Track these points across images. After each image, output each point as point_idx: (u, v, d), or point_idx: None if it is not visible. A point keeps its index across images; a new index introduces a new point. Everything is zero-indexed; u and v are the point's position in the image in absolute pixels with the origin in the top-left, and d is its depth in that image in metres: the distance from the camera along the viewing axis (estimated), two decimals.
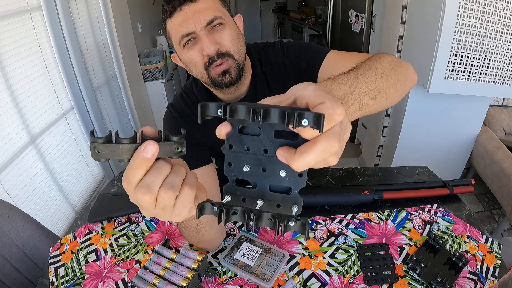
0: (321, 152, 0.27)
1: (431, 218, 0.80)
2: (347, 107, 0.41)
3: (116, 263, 0.72)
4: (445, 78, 1.54)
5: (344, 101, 0.40)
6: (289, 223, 0.30)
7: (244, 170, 0.30)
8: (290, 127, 0.26)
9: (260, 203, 0.31)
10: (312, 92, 0.29)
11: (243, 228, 0.79)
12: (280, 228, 0.30)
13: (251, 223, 0.31)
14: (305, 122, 0.25)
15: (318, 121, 0.25)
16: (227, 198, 0.31)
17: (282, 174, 0.30)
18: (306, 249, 0.73)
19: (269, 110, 0.26)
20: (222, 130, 0.30)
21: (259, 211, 0.31)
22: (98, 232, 0.80)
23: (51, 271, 0.71)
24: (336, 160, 0.29)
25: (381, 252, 0.71)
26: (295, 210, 0.31)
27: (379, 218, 0.80)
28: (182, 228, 0.68)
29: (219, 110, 0.28)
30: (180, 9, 0.64)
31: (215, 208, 0.31)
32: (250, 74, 0.80)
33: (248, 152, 0.30)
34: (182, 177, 0.32)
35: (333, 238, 0.76)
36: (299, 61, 0.78)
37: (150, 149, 0.28)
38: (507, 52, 1.46)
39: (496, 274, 0.65)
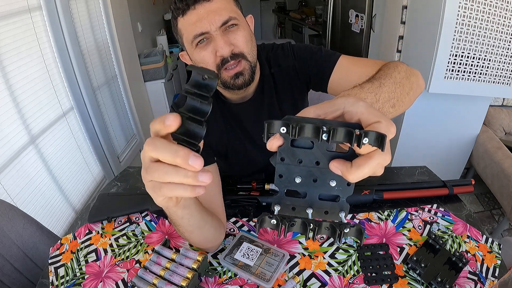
0: (376, 165, 0.29)
1: (431, 218, 0.80)
2: None
3: (116, 263, 0.72)
4: (445, 78, 1.54)
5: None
6: (345, 230, 0.32)
7: (295, 181, 0.31)
8: (354, 145, 0.28)
9: (310, 211, 0.32)
10: (365, 110, 0.31)
11: (243, 228, 0.79)
12: (339, 235, 0.32)
13: (310, 234, 0.33)
14: (365, 140, 0.27)
15: (381, 141, 0.27)
16: (277, 208, 0.32)
17: (332, 184, 0.31)
18: (306, 249, 0.73)
19: (337, 130, 0.28)
20: (274, 144, 0.30)
21: (315, 221, 0.33)
22: (98, 232, 0.80)
23: (51, 271, 0.71)
24: (382, 170, 0.31)
25: (381, 252, 0.71)
26: (342, 215, 0.32)
27: (379, 218, 0.80)
28: (175, 226, 0.64)
29: (282, 128, 0.29)
30: (194, 7, 0.63)
31: (273, 221, 0.32)
32: (259, 75, 0.80)
33: (299, 164, 0.31)
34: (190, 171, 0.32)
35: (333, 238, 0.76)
36: (309, 65, 0.78)
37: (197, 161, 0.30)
38: (507, 52, 1.46)
39: (496, 274, 0.65)
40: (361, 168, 0.29)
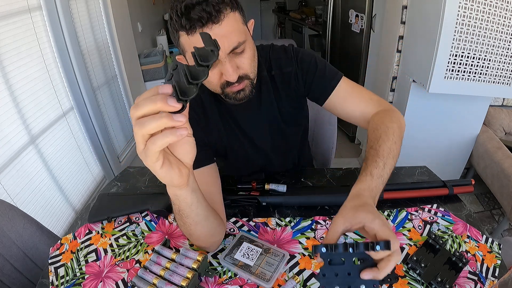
0: (394, 264, 0.44)
1: (431, 218, 0.80)
2: (380, 191, 0.59)
3: (116, 263, 0.72)
4: (445, 78, 1.54)
5: (378, 191, 0.58)
6: None
7: None
8: (371, 252, 0.45)
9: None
10: (379, 228, 0.47)
11: (243, 228, 0.79)
12: None
13: None
14: (378, 247, 0.43)
15: (388, 246, 0.43)
16: None
17: (363, 287, 0.46)
18: (306, 249, 0.73)
19: (359, 244, 0.45)
20: (318, 263, 0.43)
21: None
22: (98, 232, 0.80)
23: (51, 271, 0.71)
24: (400, 259, 0.47)
25: None
26: None
27: None
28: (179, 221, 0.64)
29: (323, 249, 0.45)
30: (201, 31, 0.59)
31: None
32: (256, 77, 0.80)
33: (336, 276, 0.46)
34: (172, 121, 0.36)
35: None
36: (312, 79, 0.81)
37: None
38: (507, 52, 1.46)
39: (496, 274, 0.65)
40: (386, 269, 0.44)
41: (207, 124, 0.83)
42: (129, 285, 0.66)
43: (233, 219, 0.82)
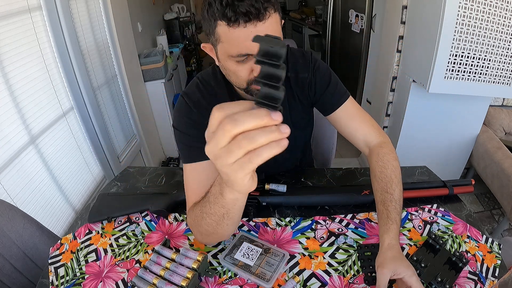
0: None
1: (431, 218, 0.80)
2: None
3: (116, 263, 0.72)
4: (445, 78, 1.54)
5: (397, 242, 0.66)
6: None
7: None
8: None
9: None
10: (416, 284, 0.57)
11: (243, 228, 0.79)
12: None
13: None
14: None
15: None
16: None
17: None
18: (306, 249, 0.73)
19: None
20: None
21: None
22: (98, 232, 0.80)
23: (51, 271, 0.71)
24: None
25: None
26: None
27: None
28: (204, 214, 0.60)
29: None
30: (244, 25, 0.59)
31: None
32: None
33: None
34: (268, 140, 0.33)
35: (333, 238, 0.76)
36: (323, 91, 0.84)
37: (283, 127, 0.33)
38: (507, 52, 1.46)
39: (496, 274, 0.65)
40: None
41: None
42: (129, 285, 0.66)
43: None
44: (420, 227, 0.77)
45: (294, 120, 0.89)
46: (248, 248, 0.71)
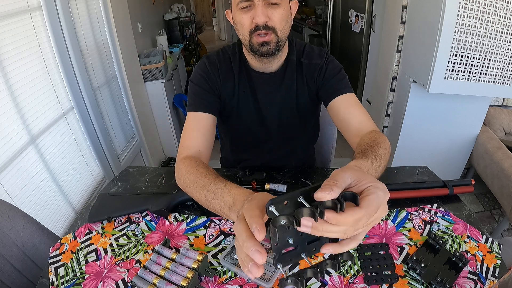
0: (353, 221, 0.40)
1: (431, 218, 0.80)
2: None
3: (116, 263, 0.72)
4: (445, 78, 1.54)
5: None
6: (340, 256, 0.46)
7: (289, 242, 0.43)
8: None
9: (303, 255, 0.44)
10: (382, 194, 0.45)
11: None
12: (338, 262, 0.46)
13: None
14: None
15: (355, 199, 0.42)
16: (281, 268, 0.43)
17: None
18: None
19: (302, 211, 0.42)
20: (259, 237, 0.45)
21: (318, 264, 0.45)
22: (98, 232, 0.80)
23: (51, 271, 0.71)
24: (377, 222, 0.44)
25: (381, 252, 0.71)
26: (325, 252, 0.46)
27: None
28: (202, 193, 0.67)
29: (283, 221, 0.39)
30: None
31: (289, 281, 0.42)
32: (285, 57, 0.91)
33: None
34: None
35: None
36: (329, 79, 0.90)
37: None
38: (507, 52, 1.46)
39: (496, 274, 0.65)
40: (348, 245, 0.43)
41: (227, 78, 0.91)
42: (129, 285, 0.66)
43: None
44: (420, 227, 0.77)
45: (298, 106, 0.96)
46: None
